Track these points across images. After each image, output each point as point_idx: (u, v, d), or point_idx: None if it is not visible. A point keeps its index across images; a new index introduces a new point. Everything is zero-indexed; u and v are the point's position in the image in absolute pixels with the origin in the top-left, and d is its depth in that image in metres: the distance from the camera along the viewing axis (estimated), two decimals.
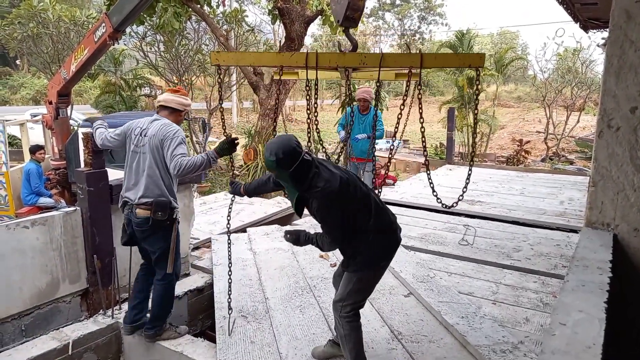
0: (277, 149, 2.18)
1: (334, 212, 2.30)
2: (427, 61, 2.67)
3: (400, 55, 2.77)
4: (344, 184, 2.30)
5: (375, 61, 2.72)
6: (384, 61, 2.69)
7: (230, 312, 3.16)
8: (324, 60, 2.89)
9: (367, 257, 2.45)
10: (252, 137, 11.37)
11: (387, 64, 2.76)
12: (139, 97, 15.12)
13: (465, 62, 2.84)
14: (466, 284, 3.83)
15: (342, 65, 2.87)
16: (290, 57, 3.03)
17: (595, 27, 6.77)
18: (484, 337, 2.89)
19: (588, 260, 2.04)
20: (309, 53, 2.93)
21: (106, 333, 3.29)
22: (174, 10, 9.39)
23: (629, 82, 2.37)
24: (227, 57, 3.21)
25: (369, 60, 2.78)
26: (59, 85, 6.37)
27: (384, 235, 2.47)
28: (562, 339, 1.41)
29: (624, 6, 2.39)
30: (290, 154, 2.18)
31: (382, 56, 2.68)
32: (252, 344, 2.95)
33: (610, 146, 2.43)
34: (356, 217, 2.37)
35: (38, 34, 12.95)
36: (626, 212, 2.39)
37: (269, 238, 5.02)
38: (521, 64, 21.38)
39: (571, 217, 5.65)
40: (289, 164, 2.18)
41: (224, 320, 3.21)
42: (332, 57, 2.86)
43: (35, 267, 3.16)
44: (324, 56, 2.93)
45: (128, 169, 3.05)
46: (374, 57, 2.73)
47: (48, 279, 3.22)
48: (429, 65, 2.73)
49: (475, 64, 2.68)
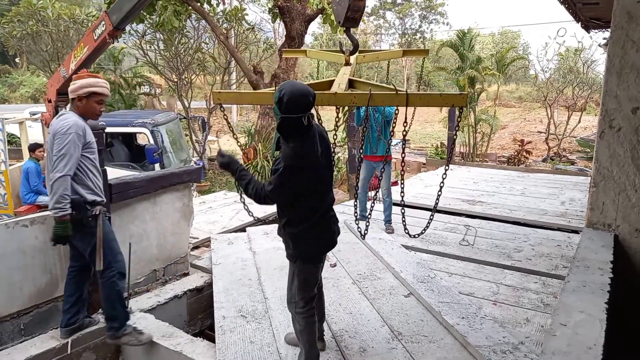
0: (289, 91, 2.19)
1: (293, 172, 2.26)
2: (412, 101, 2.80)
3: (388, 96, 2.88)
4: (314, 160, 2.33)
5: (364, 100, 2.85)
6: (371, 100, 2.83)
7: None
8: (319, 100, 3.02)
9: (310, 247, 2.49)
10: (252, 136, 11.36)
11: (375, 103, 2.90)
12: (139, 96, 15.10)
13: (448, 102, 2.99)
14: (467, 285, 3.82)
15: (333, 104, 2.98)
16: None
17: (596, 27, 6.76)
18: (484, 338, 2.88)
19: (589, 260, 2.03)
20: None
21: (105, 332, 3.28)
22: (173, 8, 9.38)
23: (630, 82, 2.36)
24: (227, 96, 3.49)
25: (358, 100, 2.92)
26: (59, 83, 6.35)
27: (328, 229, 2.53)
28: (563, 340, 1.40)
29: (625, 7, 2.38)
30: (292, 103, 2.17)
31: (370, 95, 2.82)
32: (252, 343, 2.94)
33: (611, 146, 2.42)
34: (307, 196, 2.38)
35: (37, 32, 12.93)
36: (627, 212, 2.38)
37: (269, 237, 5.01)
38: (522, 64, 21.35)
39: (572, 217, 5.64)
40: (283, 108, 2.18)
41: (223, 321, 3.20)
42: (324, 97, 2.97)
43: (35, 266, 3.14)
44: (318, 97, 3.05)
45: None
46: (363, 97, 2.85)
47: (47, 278, 3.21)
48: (415, 104, 2.85)
49: (458, 103, 2.82)
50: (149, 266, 3.97)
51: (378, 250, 4.44)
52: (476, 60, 15.09)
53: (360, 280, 3.87)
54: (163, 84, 16.98)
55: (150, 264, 3.98)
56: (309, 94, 2.24)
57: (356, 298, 3.56)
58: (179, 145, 8.05)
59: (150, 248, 3.96)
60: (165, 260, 4.09)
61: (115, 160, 7.27)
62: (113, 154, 7.43)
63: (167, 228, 4.08)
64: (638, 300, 2.24)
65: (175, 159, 7.19)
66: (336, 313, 3.30)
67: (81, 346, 3.13)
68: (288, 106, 2.18)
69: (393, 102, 2.91)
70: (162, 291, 3.86)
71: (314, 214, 2.44)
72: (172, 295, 3.81)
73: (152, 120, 6.91)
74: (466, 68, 14.80)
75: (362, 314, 3.29)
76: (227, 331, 3.09)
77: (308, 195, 2.38)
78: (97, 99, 2.90)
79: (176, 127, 8.06)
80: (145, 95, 16.02)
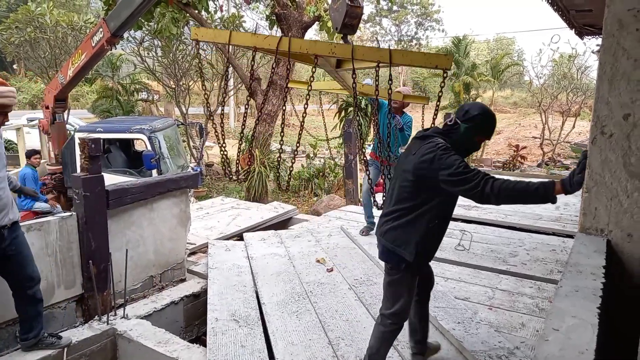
0: (491, 116, 2.35)
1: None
2: (395, 57, 2.71)
3: (370, 49, 2.80)
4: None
5: (345, 51, 2.77)
6: (354, 53, 2.74)
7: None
8: (296, 45, 2.97)
9: (424, 250, 2.40)
10: (249, 142, 11.37)
11: (357, 56, 2.80)
12: (136, 102, 15.11)
13: (432, 62, 2.82)
14: (462, 289, 3.84)
15: (312, 52, 2.91)
16: (264, 40, 3.11)
17: (590, 33, 6.83)
18: (480, 343, 2.90)
19: (582, 265, 2.05)
20: (282, 37, 3.03)
21: (101, 339, 3.28)
22: (171, 15, 9.41)
23: (622, 89, 2.40)
24: (205, 33, 3.39)
25: (338, 50, 2.83)
26: (56, 89, 6.37)
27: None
28: (556, 345, 1.42)
29: (616, 14, 2.42)
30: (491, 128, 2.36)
31: (353, 48, 2.73)
32: (243, 347, 2.94)
33: (603, 152, 2.45)
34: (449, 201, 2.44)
35: (35, 39, 12.95)
36: (620, 218, 2.41)
37: (266, 244, 5.02)
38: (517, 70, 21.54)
39: (567, 222, 5.67)
40: (483, 129, 2.34)
41: (215, 323, 3.20)
42: (303, 43, 2.94)
43: None
44: (296, 42, 3.03)
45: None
46: (343, 47, 2.78)
47: (43, 284, 3.19)
48: (397, 61, 2.76)
49: (442, 64, 2.70)
50: (146, 272, 3.97)
51: (374, 255, 4.46)
52: (471, 66, 15.22)
53: (357, 286, 3.88)
54: (161, 90, 17.00)
55: (147, 269, 3.98)
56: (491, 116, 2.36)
57: (352, 304, 3.56)
58: (177, 151, 8.06)
59: (147, 254, 3.96)
60: (162, 266, 4.10)
61: (112, 166, 7.27)
62: (110, 160, 7.44)
63: (164, 234, 4.09)
64: (629, 305, 2.26)
65: (172, 165, 7.20)
66: (332, 320, 3.31)
67: (77, 353, 3.12)
68: (488, 129, 2.34)
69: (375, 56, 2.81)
70: (159, 297, 3.86)
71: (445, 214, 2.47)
72: (169, 302, 3.81)
73: (149, 126, 6.92)
74: (461, 74, 14.91)
75: (358, 321, 3.30)
76: (219, 333, 3.09)
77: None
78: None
79: (174, 133, 8.08)
80: (143, 102, 16.03)
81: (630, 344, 2.16)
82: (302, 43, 2.99)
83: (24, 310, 2.95)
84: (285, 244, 4.98)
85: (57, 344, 3.04)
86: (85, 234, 3.36)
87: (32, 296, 2.93)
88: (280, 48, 2.98)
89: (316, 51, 2.90)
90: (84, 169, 3.43)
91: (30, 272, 2.90)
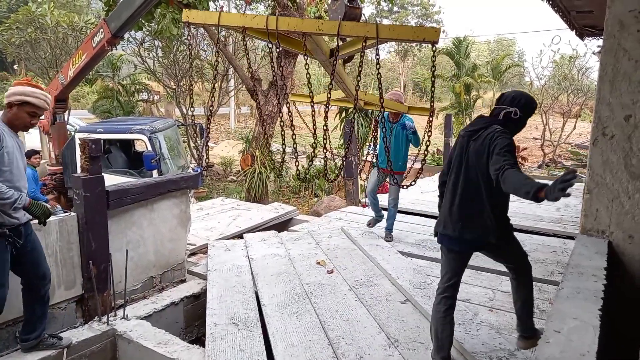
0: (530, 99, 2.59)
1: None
2: (382, 31, 2.72)
3: (356, 25, 2.81)
4: None
5: (332, 28, 2.80)
6: (340, 29, 2.76)
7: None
8: (283, 24, 3.00)
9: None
10: (250, 143, 11.38)
11: (343, 32, 2.81)
12: (137, 103, 15.13)
13: (419, 35, 2.78)
14: (463, 291, 3.82)
15: (299, 30, 2.93)
16: (252, 19, 3.17)
17: (591, 34, 6.82)
18: (480, 344, 2.89)
19: (583, 267, 2.05)
20: (269, 16, 3.08)
21: (101, 340, 3.27)
22: (172, 16, 9.41)
23: (622, 90, 2.40)
24: (196, 15, 3.51)
25: (325, 27, 2.86)
26: (57, 90, 6.37)
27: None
28: (557, 347, 1.41)
29: (617, 15, 2.42)
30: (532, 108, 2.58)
31: (340, 24, 2.75)
32: (242, 351, 2.92)
33: (604, 154, 2.45)
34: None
35: (36, 39, 12.97)
36: (621, 219, 2.41)
37: (266, 244, 5.01)
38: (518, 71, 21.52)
39: (567, 223, 5.66)
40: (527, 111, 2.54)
41: (214, 328, 3.19)
42: (291, 21, 2.95)
43: None
44: (283, 20, 3.05)
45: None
46: (330, 24, 2.80)
47: None
48: (384, 35, 2.75)
49: (430, 38, 2.67)
50: (146, 273, 3.97)
51: (375, 257, 4.45)
52: (472, 67, 15.21)
53: (357, 287, 3.88)
54: (161, 90, 17.01)
55: (147, 270, 3.98)
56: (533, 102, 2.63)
57: (353, 305, 3.56)
58: (177, 151, 8.06)
59: (147, 255, 3.96)
60: (162, 266, 4.09)
61: (113, 166, 7.27)
62: (111, 160, 7.44)
63: (165, 234, 4.09)
64: (630, 306, 2.25)
65: (173, 165, 7.20)
66: (333, 320, 3.31)
67: (77, 353, 3.12)
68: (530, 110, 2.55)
69: (362, 31, 2.81)
70: (159, 298, 3.85)
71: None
72: (169, 302, 3.80)
73: (150, 127, 6.93)
74: (462, 75, 14.91)
75: (358, 321, 3.29)
76: (218, 338, 3.08)
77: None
78: (29, 109, 2.70)
79: (174, 134, 8.08)
80: (143, 102, 16.05)
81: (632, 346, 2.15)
82: (289, 21, 3.03)
83: (32, 310, 2.96)
84: (286, 245, 4.98)
85: (57, 344, 3.04)
86: (85, 234, 3.35)
87: (43, 296, 2.96)
88: (269, 27, 3.02)
89: (303, 28, 2.92)
90: (85, 170, 3.43)
91: (44, 269, 2.96)
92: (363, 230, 5.39)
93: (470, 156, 2.54)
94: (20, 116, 2.70)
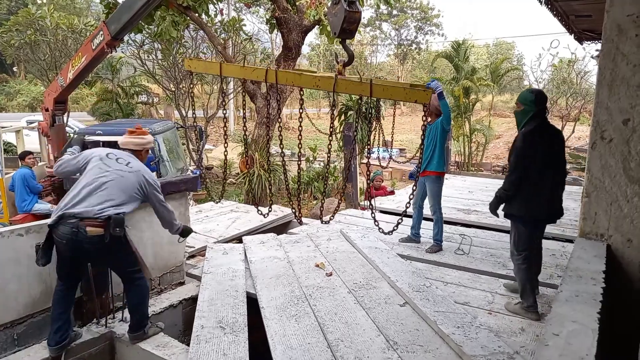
0: (539, 92, 3.24)
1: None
2: (376, 91, 2.78)
3: (352, 83, 2.88)
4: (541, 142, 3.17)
5: (329, 85, 2.88)
6: (336, 86, 2.85)
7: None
8: (282, 78, 3.19)
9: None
10: (249, 146, 11.38)
11: (339, 89, 2.91)
12: (136, 105, 15.12)
13: (412, 97, 2.86)
14: (462, 294, 3.83)
15: (297, 85, 3.10)
16: (252, 72, 3.35)
17: (589, 38, 6.85)
18: (479, 347, 2.89)
19: (582, 270, 2.05)
20: (268, 70, 3.23)
21: (99, 342, 3.26)
22: (172, 18, 9.43)
23: (621, 94, 2.41)
24: (197, 64, 3.72)
25: (322, 83, 2.95)
26: (56, 92, 6.37)
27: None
28: (556, 350, 1.41)
29: (616, 20, 2.43)
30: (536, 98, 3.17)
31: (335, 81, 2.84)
32: (224, 356, 2.89)
33: (603, 157, 2.46)
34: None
35: (36, 41, 12.98)
36: (619, 222, 2.41)
37: (265, 247, 5.01)
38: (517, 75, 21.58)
39: (566, 227, 5.67)
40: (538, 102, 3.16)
41: (201, 330, 3.18)
42: (289, 76, 3.12)
43: (30, 275, 3.13)
44: (282, 74, 3.23)
45: (83, 186, 2.98)
46: (327, 80, 2.88)
47: (42, 287, 3.19)
48: (377, 95, 2.83)
49: (421, 100, 2.76)
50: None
51: (374, 259, 4.45)
52: (471, 70, 15.24)
53: (356, 290, 3.88)
54: (160, 93, 17.02)
55: (146, 273, 3.96)
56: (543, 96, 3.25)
57: (352, 307, 3.56)
58: (176, 154, 8.06)
59: (146, 257, 3.94)
60: (161, 269, 4.08)
61: None
62: None
63: (163, 237, 4.07)
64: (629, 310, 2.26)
65: (172, 167, 7.20)
66: (332, 322, 3.30)
67: (75, 356, 3.11)
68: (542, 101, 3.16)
69: (357, 90, 2.90)
70: (158, 300, 3.84)
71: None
72: (168, 305, 3.80)
73: (149, 129, 6.91)
74: (461, 78, 14.93)
75: (357, 324, 3.29)
76: (203, 341, 3.06)
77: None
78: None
79: (173, 136, 8.08)
80: (142, 104, 16.05)
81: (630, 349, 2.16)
82: (287, 75, 3.21)
83: (139, 302, 3.17)
84: (285, 248, 4.97)
85: (160, 326, 3.34)
86: None
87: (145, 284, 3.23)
88: (268, 80, 3.24)
89: (301, 84, 3.07)
90: None
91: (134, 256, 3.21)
92: (362, 233, 5.39)
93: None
94: (142, 157, 3.38)
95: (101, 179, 3.00)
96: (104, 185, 2.98)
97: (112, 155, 3.15)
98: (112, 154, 3.17)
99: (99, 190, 2.96)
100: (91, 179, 3.01)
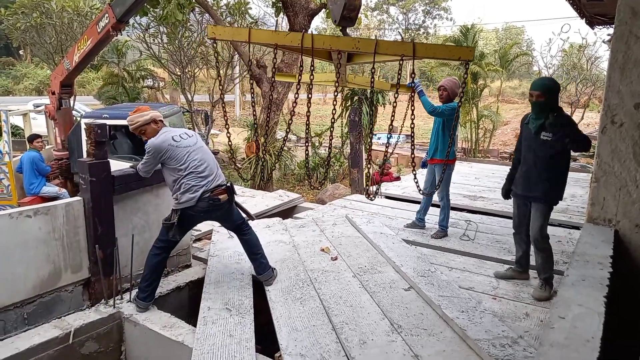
0: (552, 82, 3.34)
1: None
2: (419, 50, 2.72)
3: (393, 43, 2.79)
4: None
5: (369, 46, 2.76)
6: (377, 47, 2.73)
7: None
8: (319, 42, 2.94)
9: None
10: (255, 130, 11.37)
11: (380, 50, 2.79)
12: (142, 89, 15.11)
13: (455, 54, 2.88)
14: (467, 279, 3.84)
15: (335, 48, 2.91)
16: (285, 37, 3.05)
17: (601, 23, 6.72)
18: (483, 332, 2.90)
19: (589, 255, 2.04)
20: (304, 34, 2.98)
21: (108, 322, 3.32)
22: (177, 1, 9.36)
23: (633, 77, 2.36)
24: (222, 31, 3.27)
25: (362, 45, 2.83)
26: (62, 75, 6.37)
27: None
28: (561, 333, 1.41)
29: (629, 2, 2.37)
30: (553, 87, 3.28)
31: (377, 42, 2.71)
32: (231, 337, 2.94)
33: (613, 142, 2.43)
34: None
35: (41, 24, 12.94)
36: (628, 208, 2.39)
37: (271, 231, 5.03)
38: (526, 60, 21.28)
39: (573, 213, 5.64)
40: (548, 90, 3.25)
41: (207, 312, 3.22)
42: (326, 39, 2.92)
43: (38, 256, 3.17)
44: (319, 38, 2.98)
45: (197, 163, 3.32)
46: (367, 42, 2.76)
47: (50, 268, 3.24)
48: (421, 54, 2.77)
49: (465, 56, 2.73)
50: None
51: (379, 244, 4.46)
52: (479, 56, 15.03)
53: (361, 274, 3.90)
54: (166, 77, 16.98)
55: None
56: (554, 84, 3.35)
57: (357, 291, 3.58)
58: None
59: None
60: None
61: (118, 152, 7.29)
62: (116, 146, 7.45)
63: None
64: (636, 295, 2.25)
65: None
66: (337, 305, 3.33)
67: (84, 335, 3.17)
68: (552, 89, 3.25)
69: (399, 50, 2.82)
70: (164, 282, 3.88)
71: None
72: (174, 287, 3.84)
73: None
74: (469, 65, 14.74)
75: (362, 307, 3.31)
76: (209, 322, 3.10)
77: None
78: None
79: (179, 121, 8.06)
80: (148, 88, 16.04)
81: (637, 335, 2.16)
82: (324, 39, 2.92)
83: (258, 242, 3.77)
84: (290, 232, 4.99)
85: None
86: (91, 218, 3.38)
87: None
88: (304, 45, 2.94)
89: (340, 47, 2.89)
90: (91, 155, 3.44)
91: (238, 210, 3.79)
92: (367, 219, 5.40)
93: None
94: (146, 132, 3.53)
95: (202, 156, 3.38)
96: (210, 160, 3.42)
97: (178, 137, 3.39)
98: (177, 135, 3.40)
99: (211, 165, 3.40)
100: (193, 158, 3.32)
